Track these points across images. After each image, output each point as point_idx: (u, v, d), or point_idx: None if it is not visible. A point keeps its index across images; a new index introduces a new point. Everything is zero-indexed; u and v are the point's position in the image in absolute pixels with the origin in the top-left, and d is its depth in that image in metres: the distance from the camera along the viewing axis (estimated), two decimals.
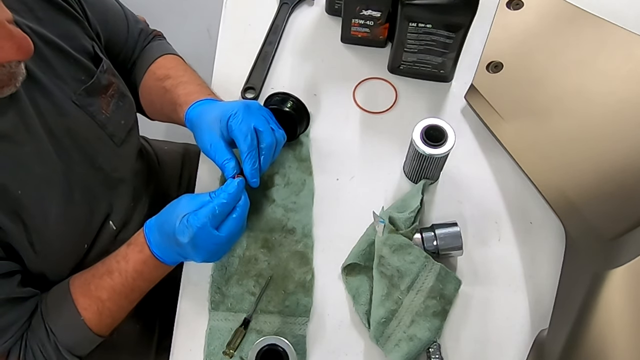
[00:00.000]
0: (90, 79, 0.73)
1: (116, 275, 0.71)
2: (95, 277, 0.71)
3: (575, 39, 0.89)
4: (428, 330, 0.72)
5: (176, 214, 0.67)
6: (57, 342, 0.69)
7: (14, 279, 0.67)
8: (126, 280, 0.71)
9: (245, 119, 0.71)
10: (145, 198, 0.89)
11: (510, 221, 0.83)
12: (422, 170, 0.81)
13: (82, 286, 0.71)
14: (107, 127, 0.76)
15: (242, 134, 0.70)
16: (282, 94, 0.84)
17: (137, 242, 0.71)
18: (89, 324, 0.70)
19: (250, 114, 0.72)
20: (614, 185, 0.77)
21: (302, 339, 0.75)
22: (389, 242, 0.74)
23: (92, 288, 0.71)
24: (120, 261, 0.71)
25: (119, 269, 0.71)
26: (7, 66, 0.56)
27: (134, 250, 0.71)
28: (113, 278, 0.71)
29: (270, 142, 0.73)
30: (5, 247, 0.65)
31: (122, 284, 0.71)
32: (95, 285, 0.71)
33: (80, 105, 0.71)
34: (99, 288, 0.71)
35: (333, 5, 0.99)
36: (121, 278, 0.71)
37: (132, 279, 0.71)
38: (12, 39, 0.53)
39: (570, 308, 0.70)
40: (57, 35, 0.70)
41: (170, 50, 0.90)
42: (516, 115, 0.85)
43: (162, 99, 0.83)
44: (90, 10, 0.77)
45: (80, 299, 0.70)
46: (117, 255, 0.72)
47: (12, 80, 0.58)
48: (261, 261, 0.80)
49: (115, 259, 0.72)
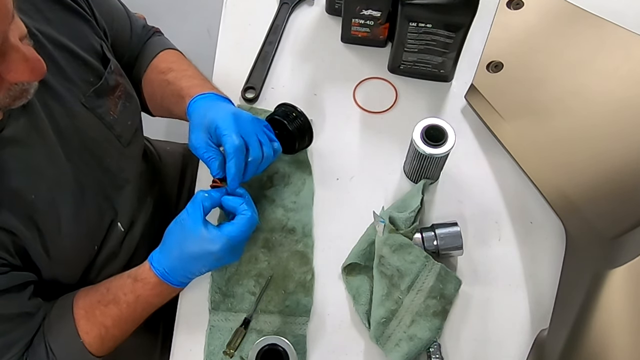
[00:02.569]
0: (99, 80, 0.73)
1: (124, 306, 0.70)
2: (101, 303, 0.71)
3: (575, 38, 0.89)
4: (428, 330, 0.72)
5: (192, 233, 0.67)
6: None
7: (26, 292, 0.67)
8: (135, 311, 0.71)
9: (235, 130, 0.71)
10: (149, 199, 0.89)
11: (510, 221, 0.83)
12: (422, 170, 0.81)
13: (86, 309, 0.71)
14: (115, 129, 0.76)
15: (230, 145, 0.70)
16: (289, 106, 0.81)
17: (146, 280, 0.70)
18: (89, 348, 0.70)
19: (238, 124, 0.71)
20: (614, 185, 0.77)
21: (302, 338, 0.75)
22: (389, 242, 0.74)
23: (97, 314, 0.70)
24: (127, 294, 0.71)
25: (127, 301, 0.70)
26: (20, 84, 0.56)
27: (144, 288, 0.70)
28: (120, 309, 0.70)
29: (257, 156, 0.72)
30: (21, 253, 0.65)
31: (129, 314, 0.71)
32: (100, 312, 0.70)
33: (89, 107, 0.71)
34: (104, 315, 0.70)
35: (333, 5, 0.99)
36: (129, 309, 0.71)
37: (141, 309, 0.72)
38: (27, 62, 0.53)
39: (570, 308, 0.70)
40: (66, 35, 0.70)
41: (171, 46, 0.90)
42: (516, 115, 0.85)
43: (163, 92, 0.83)
44: (98, 9, 0.77)
45: (82, 323, 0.70)
46: (123, 287, 0.71)
47: (24, 94, 0.58)
48: (261, 261, 0.80)
49: (122, 291, 0.71)
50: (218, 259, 0.68)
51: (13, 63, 0.52)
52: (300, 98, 0.91)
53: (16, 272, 0.65)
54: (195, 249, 0.68)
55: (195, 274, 0.71)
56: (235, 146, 0.69)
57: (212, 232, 0.67)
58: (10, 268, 0.64)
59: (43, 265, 0.68)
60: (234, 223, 0.68)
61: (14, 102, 0.58)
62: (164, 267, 0.70)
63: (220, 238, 0.67)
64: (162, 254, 0.70)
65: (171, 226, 0.71)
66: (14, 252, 0.64)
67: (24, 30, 0.55)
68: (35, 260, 0.67)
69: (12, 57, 0.52)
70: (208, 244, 0.67)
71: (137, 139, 0.83)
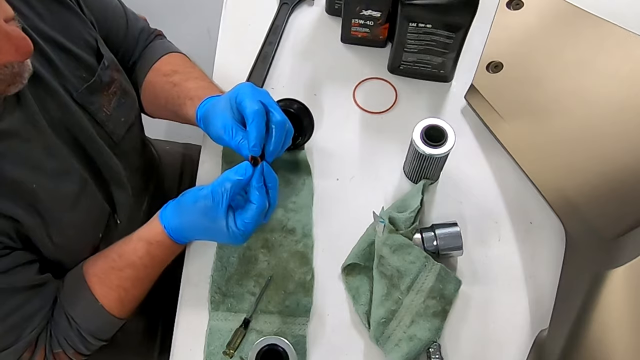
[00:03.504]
0: (92, 77, 0.73)
1: (142, 268, 0.72)
2: (116, 269, 0.72)
3: (575, 39, 0.89)
4: (428, 330, 0.72)
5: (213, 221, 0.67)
6: (79, 329, 0.70)
7: (33, 267, 0.68)
8: (153, 269, 0.74)
9: (255, 95, 0.69)
10: (145, 197, 0.89)
11: (510, 221, 0.83)
12: (422, 170, 0.81)
13: (99, 276, 0.72)
14: (107, 125, 0.76)
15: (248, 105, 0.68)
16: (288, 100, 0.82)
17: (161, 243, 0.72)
18: (110, 311, 0.72)
19: (259, 92, 0.70)
20: (614, 185, 0.77)
21: (302, 339, 0.75)
22: (389, 242, 0.74)
23: (113, 278, 0.72)
24: (143, 257, 0.72)
25: (144, 263, 0.72)
26: (10, 66, 0.56)
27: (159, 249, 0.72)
28: (138, 270, 0.72)
29: (280, 120, 0.69)
30: (23, 239, 0.66)
31: (146, 274, 0.73)
32: (116, 276, 0.72)
33: (81, 104, 0.71)
34: (121, 279, 0.72)
35: (333, 5, 0.99)
36: (146, 270, 0.73)
37: (158, 267, 0.74)
38: (10, 40, 0.53)
39: (570, 308, 0.70)
40: (59, 30, 0.69)
41: (174, 49, 0.90)
42: (516, 115, 0.85)
43: (168, 94, 0.82)
44: (88, 5, 0.76)
45: (97, 288, 0.71)
46: (136, 251, 0.72)
47: (17, 78, 0.58)
48: (261, 261, 0.80)
49: (136, 255, 0.72)
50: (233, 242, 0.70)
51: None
52: (300, 98, 0.91)
53: (19, 251, 0.66)
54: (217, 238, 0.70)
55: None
56: (255, 110, 0.67)
57: (232, 230, 0.67)
58: (12, 250, 0.65)
59: (48, 250, 0.69)
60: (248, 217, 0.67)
61: (8, 89, 0.58)
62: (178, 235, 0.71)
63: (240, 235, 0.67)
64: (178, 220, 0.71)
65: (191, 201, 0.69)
66: (16, 238, 0.65)
67: (11, 13, 0.55)
68: (39, 247, 0.68)
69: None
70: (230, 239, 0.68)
71: (131, 135, 0.82)
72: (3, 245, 0.64)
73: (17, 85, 0.58)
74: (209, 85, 0.81)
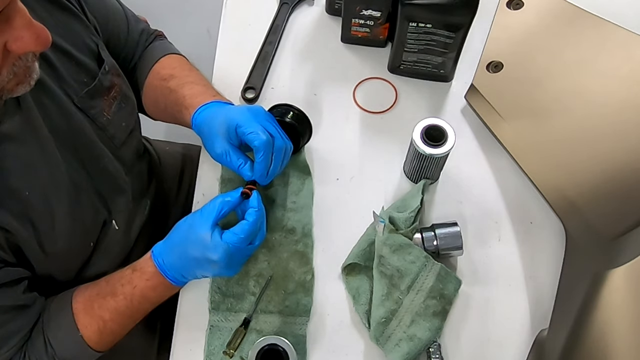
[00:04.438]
0: (93, 81, 0.73)
1: (121, 298, 0.71)
2: (99, 296, 0.71)
3: (575, 39, 0.89)
4: (428, 330, 0.72)
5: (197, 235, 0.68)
6: (54, 355, 0.69)
7: (20, 286, 0.67)
8: (131, 303, 0.71)
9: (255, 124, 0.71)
10: (146, 199, 0.89)
11: (510, 221, 0.83)
12: (422, 170, 0.81)
13: (84, 303, 0.71)
14: (108, 130, 0.76)
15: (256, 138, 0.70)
16: (284, 106, 0.82)
17: (144, 269, 0.71)
18: (88, 342, 0.71)
19: (257, 120, 0.72)
20: (614, 185, 0.77)
21: (302, 339, 0.75)
22: (389, 242, 0.74)
23: (95, 307, 0.71)
24: (125, 285, 0.71)
25: (124, 292, 0.71)
26: (24, 59, 0.55)
27: (141, 277, 0.71)
28: (117, 301, 0.71)
29: (281, 145, 0.73)
30: (14, 250, 0.65)
31: (126, 307, 0.71)
32: (98, 304, 0.71)
33: (81, 108, 0.71)
34: (102, 308, 0.71)
35: (333, 5, 0.99)
36: (126, 301, 0.71)
37: (137, 303, 0.72)
38: (32, 28, 0.53)
39: (570, 308, 0.70)
40: (60, 35, 0.69)
41: (173, 50, 0.90)
42: (516, 115, 0.85)
43: (166, 99, 0.83)
44: (90, 9, 0.76)
45: (81, 317, 0.70)
46: (121, 278, 0.72)
47: (27, 77, 0.57)
48: (261, 261, 0.80)
49: (119, 282, 0.71)
50: (215, 268, 0.69)
51: (18, 29, 0.51)
52: (300, 98, 0.91)
53: (10, 267, 0.65)
54: (196, 253, 0.68)
55: (191, 276, 0.71)
56: (264, 141, 0.70)
57: (215, 240, 0.67)
58: (3, 264, 0.64)
59: (38, 261, 0.68)
60: (233, 231, 0.68)
61: (16, 87, 0.57)
62: (163, 260, 0.70)
63: (221, 246, 0.67)
64: (165, 246, 0.71)
65: (181, 222, 0.71)
66: (7, 249, 0.64)
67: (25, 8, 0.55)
68: (30, 257, 0.67)
69: (18, 23, 0.51)
70: (209, 251, 0.67)
71: (132, 140, 0.82)
72: None
73: (25, 85, 0.58)
74: (203, 90, 0.81)
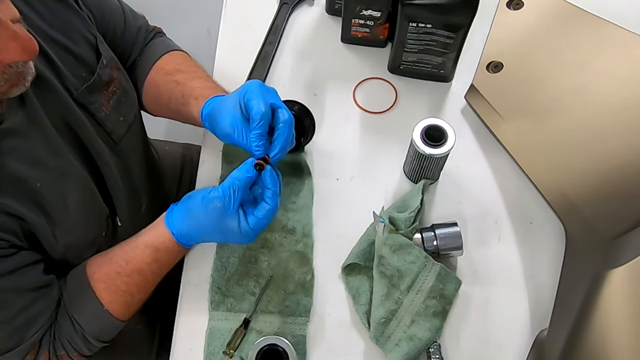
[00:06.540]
0: (92, 76, 0.73)
1: (149, 274, 0.73)
2: (123, 275, 0.72)
3: (575, 39, 0.89)
4: (428, 330, 0.72)
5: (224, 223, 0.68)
6: (83, 332, 0.70)
7: (38, 267, 0.68)
8: (161, 274, 0.75)
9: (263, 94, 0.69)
10: (144, 197, 0.89)
11: (510, 221, 0.83)
12: (422, 170, 0.81)
13: (105, 281, 0.72)
14: (107, 125, 0.76)
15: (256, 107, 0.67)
16: (288, 102, 0.81)
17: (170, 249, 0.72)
18: (115, 315, 0.72)
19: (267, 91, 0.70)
20: (614, 185, 0.77)
21: (302, 339, 0.75)
22: (389, 242, 0.74)
23: (120, 284, 0.72)
24: (151, 263, 0.72)
25: (152, 270, 0.73)
26: (14, 66, 0.56)
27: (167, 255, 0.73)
28: (146, 276, 0.73)
29: (289, 118, 0.69)
30: (29, 238, 0.66)
31: (154, 278, 0.74)
32: (123, 281, 0.72)
33: (80, 103, 0.71)
34: (128, 284, 0.72)
35: (333, 5, 0.99)
36: (154, 275, 0.74)
37: (165, 271, 0.75)
38: (17, 39, 0.53)
39: (570, 308, 0.70)
40: (58, 29, 0.69)
41: (175, 47, 0.90)
42: (516, 115, 0.85)
43: (171, 93, 0.82)
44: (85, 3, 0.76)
45: (104, 294, 0.71)
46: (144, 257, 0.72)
47: (20, 80, 0.58)
48: (261, 261, 0.80)
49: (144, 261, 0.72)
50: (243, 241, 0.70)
51: (3, 41, 0.52)
52: (300, 98, 0.91)
53: (26, 251, 0.66)
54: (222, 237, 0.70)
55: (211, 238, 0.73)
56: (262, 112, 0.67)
57: (243, 228, 0.67)
58: (17, 249, 0.65)
59: (53, 248, 0.69)
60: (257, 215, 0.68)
61: (11, 90, 0.58)
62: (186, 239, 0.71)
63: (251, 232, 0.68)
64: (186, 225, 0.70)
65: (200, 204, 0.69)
66: (22, 237, 0.65)
67: (17, 14, 0.55)
68: (45, 245, 0.68)
69: (2, 35, 0.52)
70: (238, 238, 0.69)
71: (131, 135, 0.82)
72: (10, 244, 0.64)
73: (20, 87, 0.58)
74: (214, 86, 0.81)
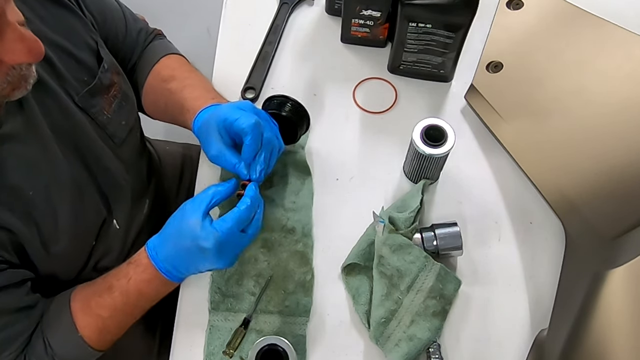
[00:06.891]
0: (93, 80, 0.73)
1: (117, 294, 0.70)
2: (96, 294, 0.71)
3: (575, 39, 0.89)
4: (428, 330, 0.72)
5: (188, 223, 0.66)
6: (54, 356, 0.69)
7: (24, 288, 0.67)
8: (128, 299, 0.70)
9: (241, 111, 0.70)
10: (146, 198, 0.89)
11: (510, 221, 0.83)
12: (422, 170, 0.81)
13: (82, 302, 0.71)
14: (108, 128, 0.76)
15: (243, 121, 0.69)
16: (280, 97, 0.82)
17: (138, 262, 0.70)
18: (88, 341, 0.70)
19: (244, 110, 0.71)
20: (614, 185, 0.77)
21: (302, 339, 0.75)
22: (389, 242, 0.74)
23: (93, 305, 0.70)
24: (121, 279, 0.70)
25: (120, 287, 0.70)
26: (18, 68, 0.56)
27: (136, 270, 0.70)
28: (114, 297, 0.70)
29: (270, 136, 0.71)
30: (18, 251, 0.65)
31: (123, 303, 0.70)
32: (95, 302, 0.70)
33: (82, 107, 0.71)
34: (99, 306, 0.70)
35: (333, 5, 0.99)
36: (122, 297, 0.70)
37: (134, 298, 0.71)
38: (23, 41, 0.53)
39: (570, 308, 0.70)
40: (60, 33, 0.69)
41: (173, 50, 0.90)
42: (516, 115, 0.85)
43: (167, 101, 0.83)
44: (87, 7, 0.76)
45: (79, 316, 0.70)
46: (118, 273, 0.71)
47: (23, 83, 0.58)
48: (261, 261, 0.80)
49: (116, 277, 0.71)
50: (207, 257, 0.67)
51: (9, 42, 0.52)
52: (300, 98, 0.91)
53: (13, 269, 0.65)
54: (187, 243, 0.67)
55: (184, 270, 0.70)
56: (252, 123, 0.68)
57: (205, 228, 0.66)
58: (7, 265, 0.64)
59: (41, 261, 0.68)
60: (224, 218, 0.67)
61: (12, 93, 0.57)
62: (157, 252, 0.69)
63: (212, 233, 0.65)
64: (159, 239, 0.70)
65: (174, 213, 0.70)
66: (12, 250, 0.64)
67: (22, 17, 0.55)
68: (33, 258, 0.67)
69: (9, 37, 0.52)
70: (199, 240, 0.66)
71: (132, 139, 0.82)
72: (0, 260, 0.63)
73: (22, 90, 0.58)
74: (204, 93, 0.81)
